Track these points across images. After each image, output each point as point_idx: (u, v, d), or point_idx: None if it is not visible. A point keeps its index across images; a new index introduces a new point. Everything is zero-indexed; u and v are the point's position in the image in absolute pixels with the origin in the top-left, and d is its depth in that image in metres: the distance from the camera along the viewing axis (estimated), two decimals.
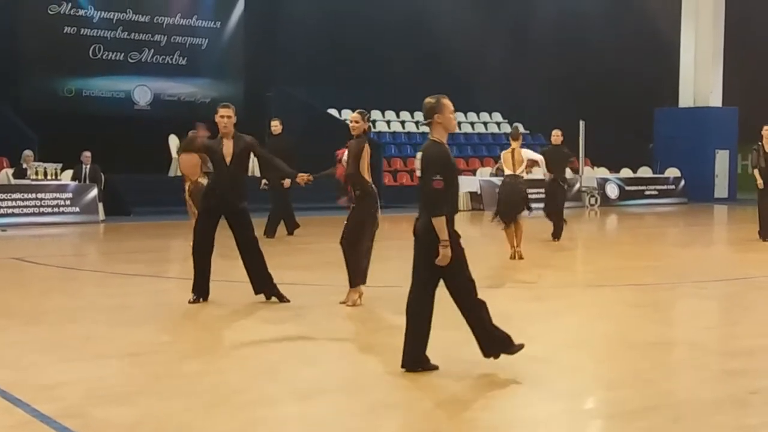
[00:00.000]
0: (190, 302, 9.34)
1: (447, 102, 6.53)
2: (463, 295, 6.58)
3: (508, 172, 13.27)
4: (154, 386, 6.32)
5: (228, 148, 9.31)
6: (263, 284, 9.52)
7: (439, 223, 6.32)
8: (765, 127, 15.35)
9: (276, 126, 16.04)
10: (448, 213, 6.40)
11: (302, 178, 9.29)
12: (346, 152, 9.18)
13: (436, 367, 6.60)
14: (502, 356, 7.34)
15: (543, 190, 15.98)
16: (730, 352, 7.61)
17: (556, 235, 15.30)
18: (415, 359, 6.58)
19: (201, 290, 9.44)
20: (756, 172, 15.59)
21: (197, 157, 13.75)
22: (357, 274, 9.19)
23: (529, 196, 13.36)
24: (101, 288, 11.11)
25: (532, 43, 30.70)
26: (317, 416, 5.71)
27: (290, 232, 16.30)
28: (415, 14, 28.24)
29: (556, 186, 15.44)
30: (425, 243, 6.43)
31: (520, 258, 12.88)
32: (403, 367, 6.59)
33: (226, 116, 9.36)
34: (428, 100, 6.56)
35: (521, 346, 6.61)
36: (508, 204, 13.02)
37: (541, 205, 15.72)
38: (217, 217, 9.39)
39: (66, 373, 6.66)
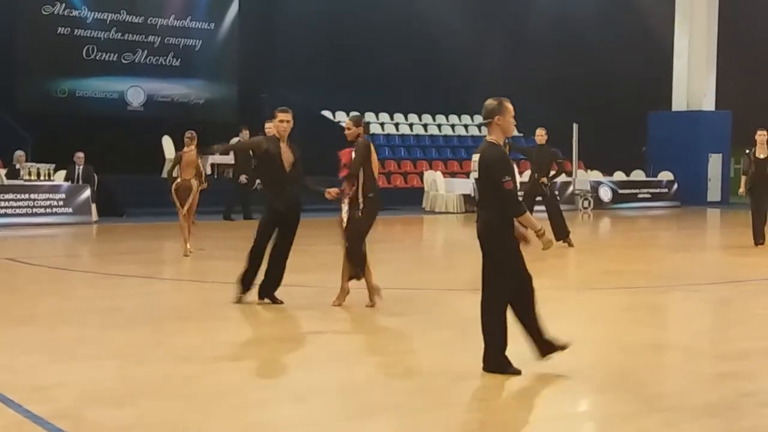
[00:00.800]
0: (235, 302, 9.30)
1: (509, 105, 6.67)
2: (493, 292, 6.59)
3: None
4: (147, 388, 6.30)
5: (287, 154, 9.22)
6: (272, 286, 9.46)
7: (526, 219, 6.49)
8: (759, 132, 15.16)
9: (270, 128, 15.92)
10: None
11: (330, 193, 9.21)
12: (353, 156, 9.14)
13: (519, 372, 6.59)
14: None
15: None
16: (723, 355, 7.63)
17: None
18: (501, 362, 6.60)
19: (247, 285, 9.38)
20: (744, 178, 15.50)
21: (196, 157, 13.80)
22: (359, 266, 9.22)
23: None
24: (94, 289, 11.09)
25: (528, 47, 30.72)
26: (313, 418, 5.71)
27: None
28: (411, 17, 28.25)
29: (537, 188, 15.15)
30: (487, 242, 6.59)
31: None
32: (484, 368, 6.60)
33: (285, 121, 9.26)
34: (490, 101, 6.68)
35: (518, 371, 6.58)
36: None
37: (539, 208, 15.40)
38: (280, 224, 9.29)
39: (59, 374, 6.64)
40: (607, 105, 29.06)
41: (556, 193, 16.45)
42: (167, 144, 23.32)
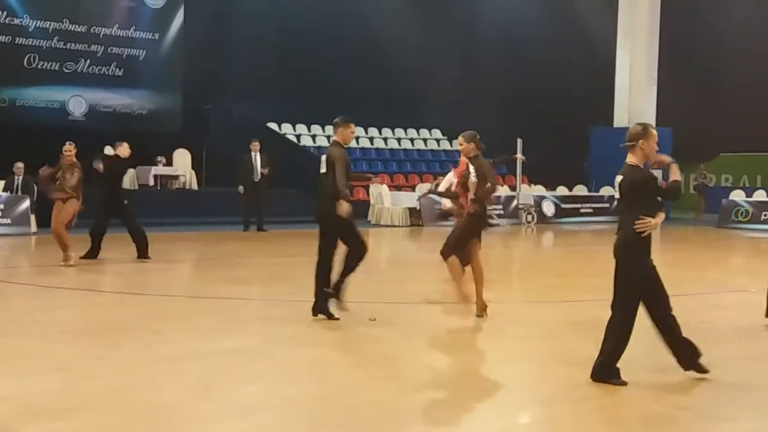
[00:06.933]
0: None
1: (653, 131, 6.89)
2: (658, 309, 7.10)
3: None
4: (87, 402, 6.21)
5: None
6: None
7: (674, 170, 6.83)
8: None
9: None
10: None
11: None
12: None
13: (625, 383, 6.82)
14: (437, 371, 7.41)
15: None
16: (661, 369, 7.72)
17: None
18: (610, 372, 6.87)
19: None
20: None
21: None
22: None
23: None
24: (33, 301, 10.89)
25: (475, 63, 31.00)
26: None
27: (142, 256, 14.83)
28: (358, 30, 28.30)
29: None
30: (621, 259, 6.86)
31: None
32: (592, 377, 6.85)
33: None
34: (636, 126, 6.95)
35: (706, 370, 7.04)
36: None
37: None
38: None
39: None
40: (551, 120, 29.39)
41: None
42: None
